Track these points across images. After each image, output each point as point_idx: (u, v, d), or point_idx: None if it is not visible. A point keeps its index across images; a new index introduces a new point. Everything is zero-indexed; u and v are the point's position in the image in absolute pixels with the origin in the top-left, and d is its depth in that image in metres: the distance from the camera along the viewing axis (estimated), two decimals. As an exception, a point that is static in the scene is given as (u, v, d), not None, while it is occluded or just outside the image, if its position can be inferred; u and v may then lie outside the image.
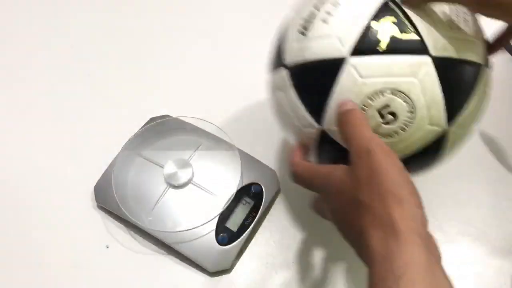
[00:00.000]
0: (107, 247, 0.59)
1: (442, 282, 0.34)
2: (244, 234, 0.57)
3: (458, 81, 0.42)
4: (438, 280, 0.34)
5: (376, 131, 0.41)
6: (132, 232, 0.60)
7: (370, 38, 0.40)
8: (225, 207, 0.58)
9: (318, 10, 0.43)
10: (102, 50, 0.77)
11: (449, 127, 0.42)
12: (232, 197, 0.59)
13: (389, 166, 0.37)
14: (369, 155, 0.37)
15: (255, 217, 0.59)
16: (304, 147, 0.47)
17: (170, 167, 0.60)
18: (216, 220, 0.58)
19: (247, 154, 0.63)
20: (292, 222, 0.61)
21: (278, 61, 0.47)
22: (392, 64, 0.40)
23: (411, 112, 0.41)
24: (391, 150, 0.38)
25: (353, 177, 0.38)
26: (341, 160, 0.41)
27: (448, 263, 0.37)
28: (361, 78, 0.40)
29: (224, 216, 0.58)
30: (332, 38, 0.42)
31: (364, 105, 0.41)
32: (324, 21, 0.43)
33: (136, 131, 0.65)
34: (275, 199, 0.62)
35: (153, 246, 0.59)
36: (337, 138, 0.43)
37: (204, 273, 0.57)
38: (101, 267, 0.58)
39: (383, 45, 0.40)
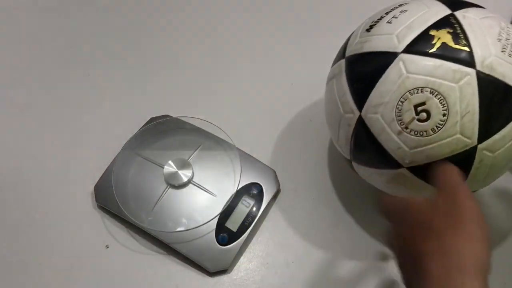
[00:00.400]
0: (107, 247, 0.59)
1: None
2: (244, 234, 0.57)
3: (499, 103, 0.43)
4: None
5: (409, 125, 0.44)
6: (132, 232, 0.60)
7: (424, 41, 0.44)
8: (225, 207, 0.59)
9: (387, 14, 0.49)
10: (102, 50, 0.77)
11: (479, 143, 0.43)
12: (232, 197, 0.59)
13: (471, 207, 0.38)
14: (454, 191, 0.39)
15: (255, 217, 0.59)
16: None
17: (170, 167, 0.60)
18: (216, 220, 0.58)
19: (247, 154, 0.63)
20: (292, 222, 0.61)
21: (341, 55, 0.52)
22: (437, 67, 0.43)
23: (445, 115, 0.43)
24: (475, 198, 0.39)
25: (433, 205, 0.39)
26: (371, 146, 0.46)
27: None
28: (406, 73, 0.44)
29: (224, 216, 0.58)
30: (391, 36, 0.46)
31: (403, 98, 0.44)
32: (389, 22, 0.47)
33: (136, 131, 0.65)
34: (275, 199, 0.62)
35: (153, 246, 0.59)
36: (371, 125, 0.46)
37: (204, 273, 0.57)
38: (101, 267, 0.58)
39: (434, 49, 0.43)
